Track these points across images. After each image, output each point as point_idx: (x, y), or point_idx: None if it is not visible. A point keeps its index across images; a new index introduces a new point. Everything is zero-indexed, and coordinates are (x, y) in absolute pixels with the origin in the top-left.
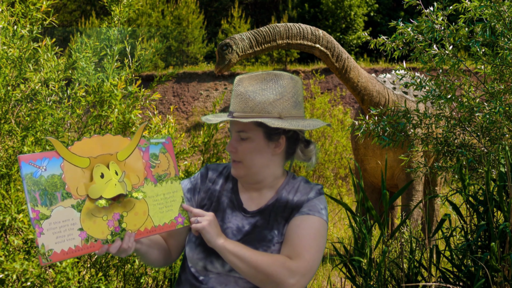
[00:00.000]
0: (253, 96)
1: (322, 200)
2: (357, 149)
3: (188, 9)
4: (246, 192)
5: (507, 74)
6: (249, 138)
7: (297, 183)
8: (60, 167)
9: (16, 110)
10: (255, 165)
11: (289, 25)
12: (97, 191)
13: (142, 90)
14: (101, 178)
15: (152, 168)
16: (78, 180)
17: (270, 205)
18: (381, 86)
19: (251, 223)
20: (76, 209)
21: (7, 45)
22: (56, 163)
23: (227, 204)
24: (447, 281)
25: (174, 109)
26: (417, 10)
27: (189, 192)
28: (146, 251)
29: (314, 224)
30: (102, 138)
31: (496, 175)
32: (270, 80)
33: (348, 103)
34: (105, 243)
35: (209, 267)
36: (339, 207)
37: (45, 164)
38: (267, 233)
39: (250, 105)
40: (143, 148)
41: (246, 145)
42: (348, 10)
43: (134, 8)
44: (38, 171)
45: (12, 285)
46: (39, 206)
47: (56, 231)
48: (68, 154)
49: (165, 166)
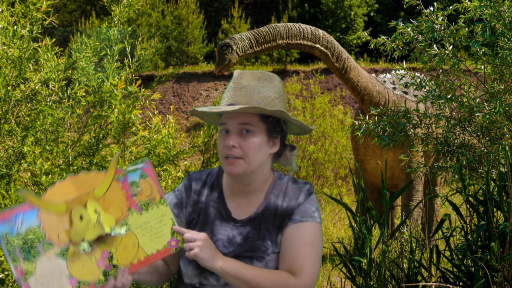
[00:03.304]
0: (258, 90)
1: (313, 202)
2: (357, 149)
3: (188, 9)
4: (234, 200)
5: (507, 74)
6: (253, 132)
7: (285, 184)
8: (36, 218)
9: (16, 110)
10: (256, 162)
11: (289, 25)
12: (78, 234)
13: (142, 90)
14: (80, 220)
15: (135, 197)
16: (58, 226)
17: (259, 213)
18: (381, 86)
19: (242, 233)
20: (61, 257)
21: (7, 45)
22: (32, 215)
23: (215, 215)
24: (447, 281)
25: (174, 109)
26: (417, 10)
27: (176, 207)
28: (145, 278)
29: (309, 231)
30: (76, 178)
31: (496, 175)
32: (265, 79)
33: (348, 103)
34: (98, 284)
35: (204, 282)
36: (339, 207)
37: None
38: (260, 244)
39: (256, 99)
40: (121, 179)
41: (251, 140)
42: (348, 10)
43: (134, 8)
44: (14, 228)
45: (12, 285)
46: (21, 263)
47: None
48: (42, 203)
49: (148, 192)
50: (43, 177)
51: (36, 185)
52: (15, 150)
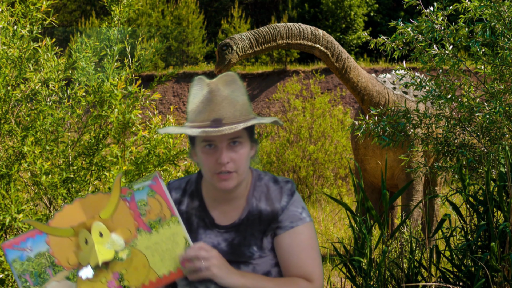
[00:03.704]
0: (235, 98)
1: (297, 203)
2: (357, 149)
3: (188, 9)
4: (216, 207)
5: (507, 74)
6: (241, 142)
7: (265, 185)
8: (45, 243)
9: (16, 110)
10: (245, 172)
11: (289, 25)
12: (84, 258)
13: (142, 90)
14: (86, 245)
15: (143, 216)
16: (67, 250)
17: (244, 219)
18: (381, 86)
19: (226, 239)
20: (71, 279)
21: (7, 45)
22: (41, 240)
23: (198, 224)
24: (447, 281)
25: (174, 109)
26: (417, 10)
27: None
28: None
29: (303, 234)
30: (84, 201)
31: (496, 175)
32: (231, 81)
33: (348, 103)
34: None
35: None
36: (339, 207)
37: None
38: (245, 250)
39: (238, 108)
40: (128, 198)
41: (240, 151)
42: (348, 10)
43: (134, 8)
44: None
45: (12, 285)
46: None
47: None
48: (50, 229)
49: (157, 210)
50: (43, 177)
51: (36, 185)
52: (15, 150)
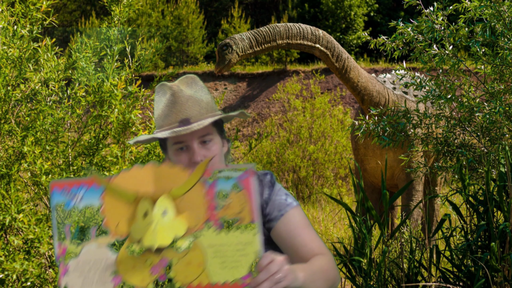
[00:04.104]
0: (199, 97)
1: (280, 192)
2: (357, 149)
3: (188, 9)
4: None
5: (507, 74)
6: (212, 140)
7: None
8: (100, 198)
9: (16, 110)
10: None
11: (289, 25)
12: (137, 232)
13: (142, 90)
14: (143, 218)
15: (218, 210)
16: (121, 215)
17: None
18: (381, 86)
19: None
20: (112, 249)
21: (7, 45)
22: (95, 193)
23: None
24: (447, 281)
25: None
26: (417, 10)
27: None
28: None
29: (295, 217)
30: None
31: (496, 175)
32: (192, 83)
33: (348, 103)
34: None
35: None
36: (339, 207)
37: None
38: None
39: (204, 106)
40: (209, 182)
41: (213, 148)
42: (348, 10)
43: (134, 8)
44: (72, 201)
45: (12, 285)
46: (67, 242)
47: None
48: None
49: (237, 209)
50: (43, 177)
51: (36, 185)
52: (15, 150)
